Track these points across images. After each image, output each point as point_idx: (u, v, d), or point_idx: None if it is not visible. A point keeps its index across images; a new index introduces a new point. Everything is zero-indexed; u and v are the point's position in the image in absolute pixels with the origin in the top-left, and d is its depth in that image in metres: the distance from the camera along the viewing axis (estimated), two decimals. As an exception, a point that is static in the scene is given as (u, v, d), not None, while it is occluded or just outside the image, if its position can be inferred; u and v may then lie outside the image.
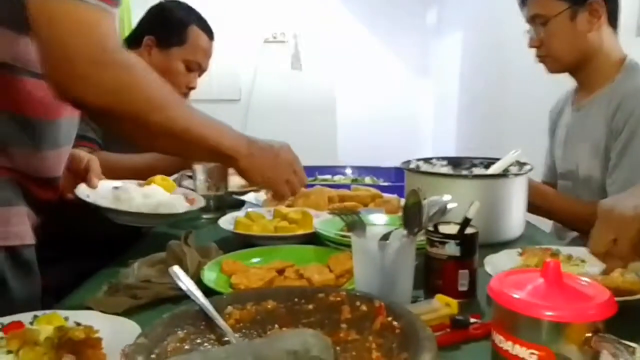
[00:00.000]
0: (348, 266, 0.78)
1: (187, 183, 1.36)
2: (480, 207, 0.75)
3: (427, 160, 1.19)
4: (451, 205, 0.70)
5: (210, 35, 1.52)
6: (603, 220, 0.68)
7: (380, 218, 0.99)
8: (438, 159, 1.19)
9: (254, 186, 1.14)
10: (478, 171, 1.16)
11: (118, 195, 1.00)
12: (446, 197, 0.70)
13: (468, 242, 0.73)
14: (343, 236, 0.88)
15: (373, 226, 0.77)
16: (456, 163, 1.19)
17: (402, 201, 1.16)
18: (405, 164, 1.14)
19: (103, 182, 1.00)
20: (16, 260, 0.75)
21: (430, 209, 0.68)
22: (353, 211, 0.82)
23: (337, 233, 0.90)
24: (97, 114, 0.72)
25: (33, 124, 0.76)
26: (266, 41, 3.68)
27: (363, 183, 1.70)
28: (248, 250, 0.90)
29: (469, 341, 0.62)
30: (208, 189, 1.23)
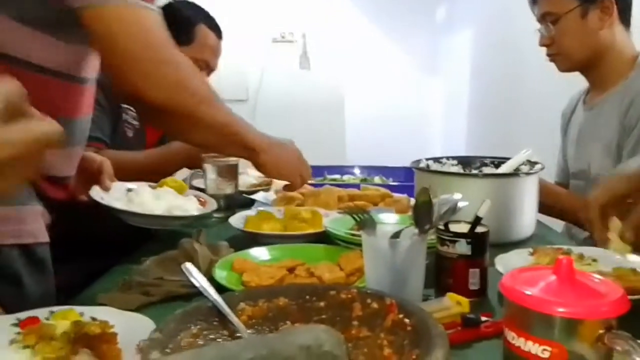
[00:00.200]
0: (358, 264, 0.78)
1: (198, 182, 1.37)
2: (490, 207, 0.75)
3: (437, 159, 1.18)
4: (462, 203, 0.70)
5: (218, 34, 1.51)
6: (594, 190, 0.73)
7: (390, 217, 0.99)
8: (448, 159, 1.19)
9: (270, 178, 1.20)
10: (488, 170, 1.16)
11: (131, 197, 1.01)
12: (457, 196, 0.70)
13: (479, 241, 0.73)
14: (353, 235, 0.88)
15: (384, 225, 0.77)
16: (466, 162, 1.19)
17: (412, 201, 1.16)
18: (415, 164, 1.13)
19: (116, 184, 1.02)
20: (30, 258, 0.76)
21: (441, 208, 0.69)
22: (363, 210, 0.83)
23: (348, 232, 0.90)
24: (155, 109, 0.77)
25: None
26: (274, 41, 3.68)
27: (372, 182, 1.70)
28: (258, 248, 0.91)
29: (480, 339, 0.62)
30: (218, 188, 1.24)
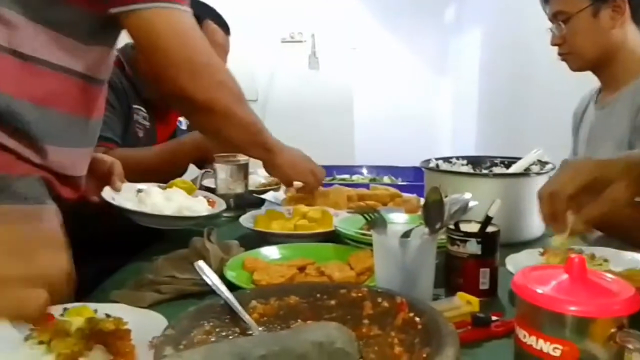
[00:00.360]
0: (369, 264, 0.79)
1: (208, 181, 1.38)
2: (501, 207, 0.74)
3: (447, 159, 1.18)
4: (472, 203, 0.70)
5: (226, 30, 1.48)
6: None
7: (400, 217, 0.99)
8: (458, 158, 1.19)
9: (284, 181, 1.21)
10: (499, 170, 1.15)
11: (142, 198, 1.02)
12: (467, 195, 0.70)
13: (489, 241, 0.73)
14: (363, 234, 0.88)
15: (394, 224, 0.77)
16: (476, 162, 1.18)
17: (422, 201, 1.16)
18: (424, 163, 1.13)
19: (126, 185, 1.03)
20: None
21: (451, 207, 0.69)
22: (374, 209, 0.83)
23: (358, 231, 0.90)
24: (198, 108, 0.81)
25: (74, 122, 0.80)
26: (283, 41, 3.70)
27: (381, 182, 1.70)
28: (269, 247, 0.91)
29: (491, 339, 0.62)
30: (229, 188, 1.25)
